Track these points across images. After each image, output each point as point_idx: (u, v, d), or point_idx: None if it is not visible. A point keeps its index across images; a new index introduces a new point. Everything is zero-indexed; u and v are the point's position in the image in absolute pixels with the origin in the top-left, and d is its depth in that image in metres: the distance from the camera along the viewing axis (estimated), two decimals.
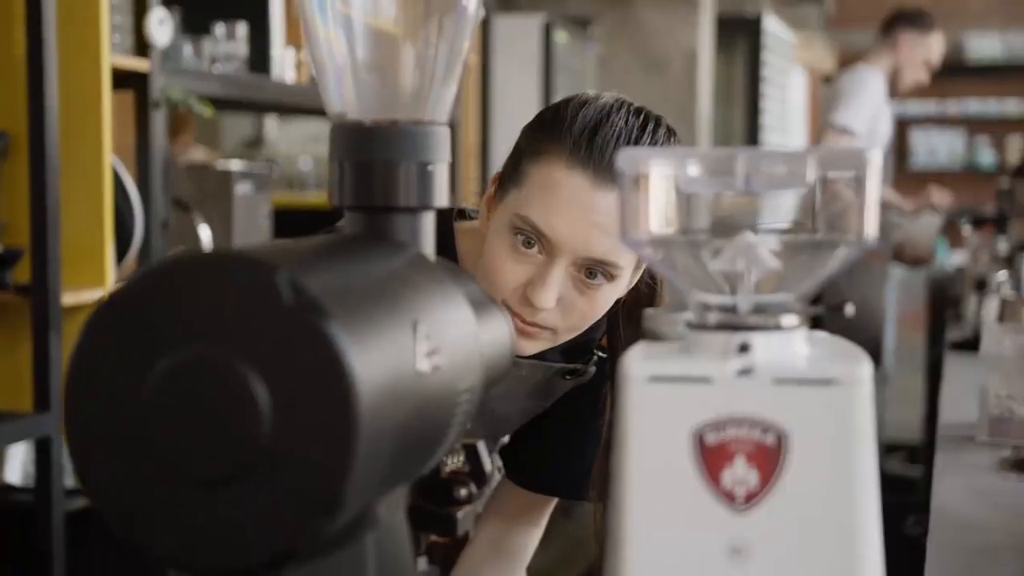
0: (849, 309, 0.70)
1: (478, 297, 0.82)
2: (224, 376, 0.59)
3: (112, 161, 2.51)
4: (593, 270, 1.26)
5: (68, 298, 2.37)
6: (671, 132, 1.31)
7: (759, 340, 0.67)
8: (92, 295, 2.44)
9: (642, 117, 1.28)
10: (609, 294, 1.28)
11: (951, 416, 2.09)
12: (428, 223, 0.80)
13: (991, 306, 2.89)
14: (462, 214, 1.45)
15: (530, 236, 1.25)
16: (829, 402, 0.65)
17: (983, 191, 9.19)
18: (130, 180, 2.57)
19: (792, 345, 0.68)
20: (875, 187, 0.66)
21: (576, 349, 1.42)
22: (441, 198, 0.80)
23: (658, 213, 0.70)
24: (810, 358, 0.68)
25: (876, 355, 4.27)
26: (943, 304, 4.50)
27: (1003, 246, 4.17)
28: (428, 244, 0.80)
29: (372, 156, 0.78)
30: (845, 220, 0.68)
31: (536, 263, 1.26)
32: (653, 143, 1.26)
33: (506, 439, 1.55)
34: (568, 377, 1.43)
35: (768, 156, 0.68)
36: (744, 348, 0.67)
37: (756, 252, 0.69)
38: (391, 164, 0.78)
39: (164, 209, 2.71)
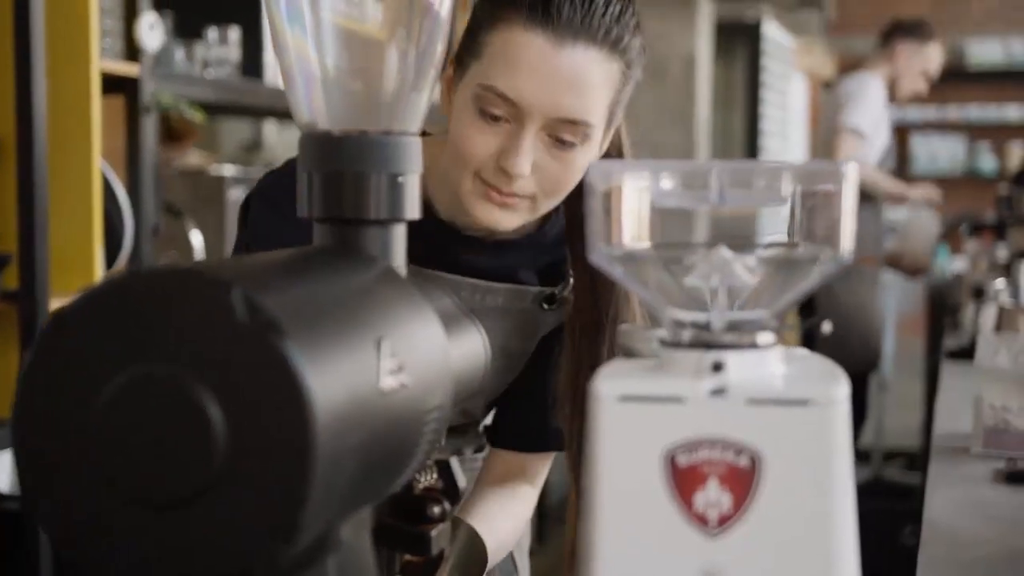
0: (826, 327, 0.68)
1: (449, 311, 0.81)
2: (178, 395, 0.57)
3: (101, 166, 2.49)
4: (564, 135, 1.24)
5: (56, 304, 2.35)
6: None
7: (733, 359, 0.65)
8: None
9: None
10: (583, 157, 1.26)
11: (946, 426, 2.08)
12: (399, 235, 0.78)
13: (989, 314, 2.87)
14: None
15: (496, 105, 1.23)
16: (805, 423, 0.63)
17: (984, 197, 9.16)
18: (120, 186, 2.55)
19: (767, 364, 0.66)
20: (851, 202, 0.64)
21: (550, 271, 1.41)
22: (413, 210, 0.78)
23: (630, 227, 0.68)
24: (786, 377, 0.66)
25: (871, 361, 4.24)
26: (942, 311, 4.48)
27: (1002, 253, 4.15)
28: (399, 257, 0.78)
29: (341, 167, 0.76)
30: (822, 235, 0.66)
31: (505, 132, 1.24)
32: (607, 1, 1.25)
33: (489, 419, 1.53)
34: (547, 307, 1.41)
35: (742, 170, 0.66)
36: (718, 367, 0.65)
37: (731, 268, 0.67)
38: (361, 176, 0.76)
39: (154, 215, 2.70)
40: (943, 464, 1.80)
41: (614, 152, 1.36)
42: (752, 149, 7.34)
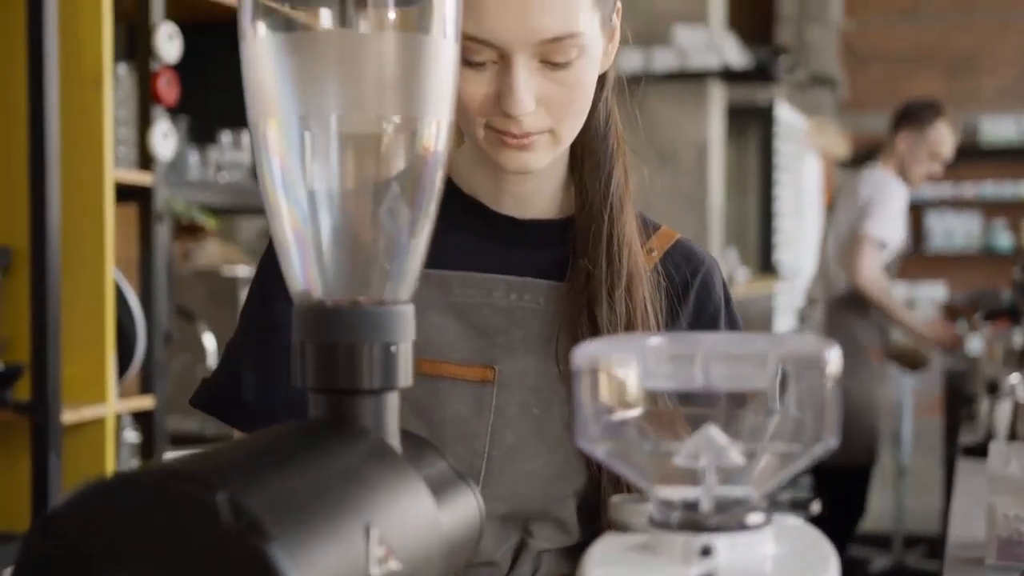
0: (815, 507, 0.68)
1: (443, 477, 0.81)
2: None
3: (114, 275, 2.51)
4: (555, 57, 1.16)
5: (69, 415, 2.36)
6: None
7: (722, 542, 0.65)
8: (93, 412, 2.42)
9: None
10: (586, 69, 1.18)
11: (961, 533, 2.05)
12: (392, 404, 0.79)
13: (1004, 410, 2.85)
14: None
15: (475, 52, 1.15)
16: None
17: (1001, 274, 9.14)
18: (132, 294, 2.57)
19: (757, 545, 0.66)
20: (835, 386, 0.64)
21: None
22: (406, 377, 0.79)
23: (616, 406, 0.68)
24: (776, 558, 0.66)
25: (870, 456, 4.21)
26: (958, 398, 4.45)
27: (1019, 338, 4.12)
28: (391, 425, 0.79)
29: (334, 338, 0.77)
30: (811, 417, 0.66)
31: (495, 74, 1.17)
32: None
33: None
34: None
35: (726, 355, 0.66)
36: (706, 551, 0.65)
37: (719, 449, 0.67)
38: (354, 346, 0.77)
39: (167, 321, 2.71)
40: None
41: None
42: (766, 232, 7.36)
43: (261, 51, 0.77)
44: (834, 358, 0.65)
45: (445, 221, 0.82)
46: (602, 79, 1.26)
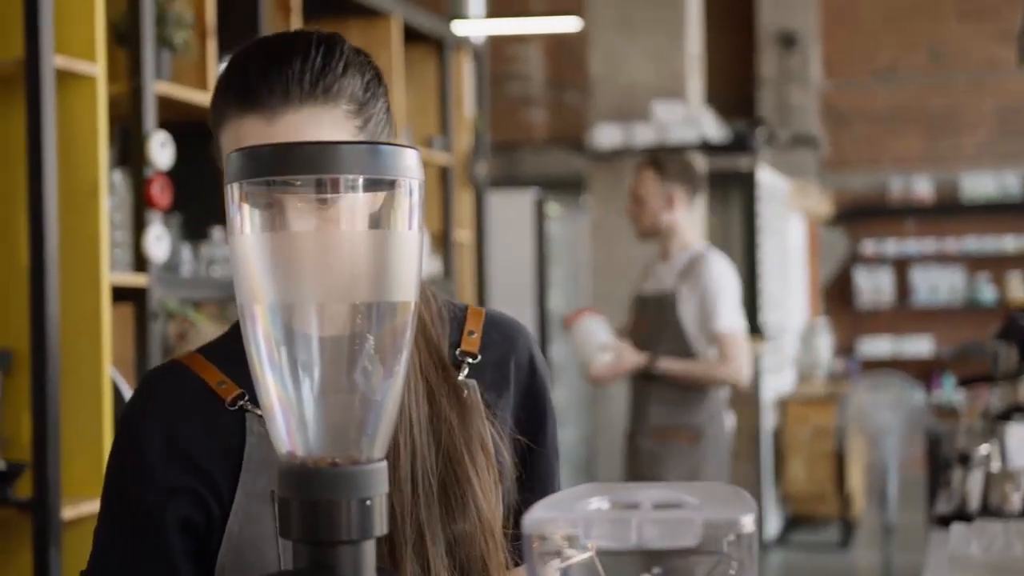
0: None
1: None
2: None
3: (111, 373, 2.61)
4: (323, 195, 1.10)
5: (68, 512, 2.45)
6: (329, 46, 1.25)
7: None
8: (92, 507, 2.51)
9: (288, 36, 1.27)
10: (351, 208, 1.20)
11: None
12: (369, 551, 0.89)
13: (976, 480, 2.93)
14: None
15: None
16: None
17: (986, 327, 9.26)
18: (129, 391, 2.66)
19: None
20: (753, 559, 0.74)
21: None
22: (381, 527, 0.89)
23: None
24: None
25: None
26: (937, 462, 4.55)
27: (995, 401, 4.21)
28: (368, 571, 0.88)
29: (315, 496, 0.87)
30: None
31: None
32: (304, 57, 1.22)
33: None
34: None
35: (657, 519, 0.76)
36: None
37: None
38: (333, 503, 0.87)
39: None
40: None
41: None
42: (751, 294, 7.46)
43: (248, 246, 0.88)
44: (748, 526, 0.75)
45: None
46: None
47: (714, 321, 3.89)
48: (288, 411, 0.89)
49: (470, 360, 1.33)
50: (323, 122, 1.22)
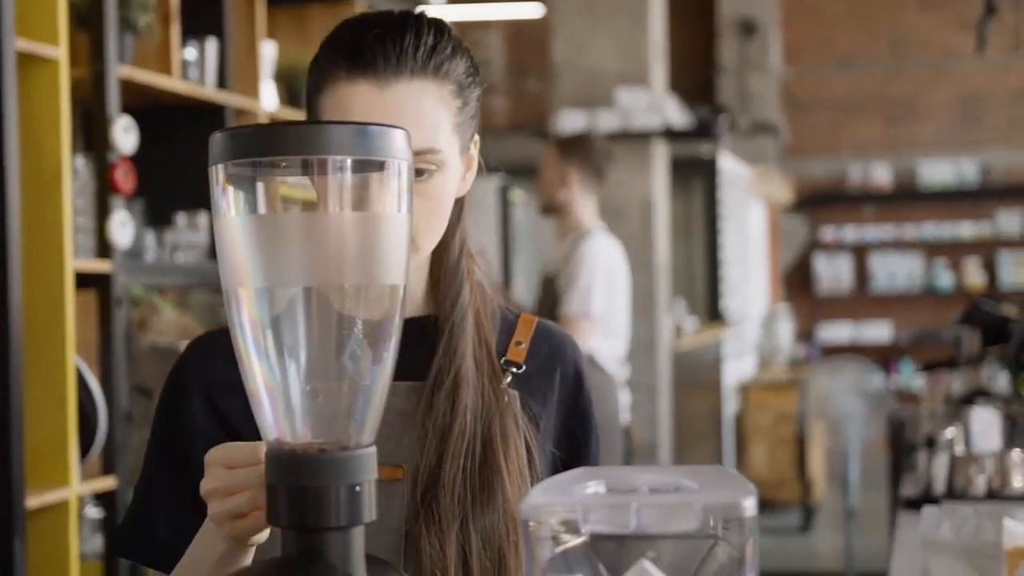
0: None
1: None
2: None
3: (75, 360, 2.57)
4: (415, 166, 1.19)
5: (32, 501, 2.41)
6: (439, 27, 1.29)
7: None
8: (56, 496, 2.48)
9: (399, 13, 1.30)
10: (443, 184, 1.26)
11: None
12: (358, 537, 0.87)
13: (941, 465, 2.95)
14: None
15: None
16: None
17: (943, 313, 9.36)
18: (93, 378, 2.63)
19: None
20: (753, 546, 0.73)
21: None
22: (370, 513, 0.87)
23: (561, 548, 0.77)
24: None
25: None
26: (900, 445, 4.56)
27: (957, 385, 4.23)
28: (357, 557, 0.87)
29: (304, 482, 0.86)
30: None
31: None
32: (417, 33, 1.26)
33: None
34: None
35: (656, 504, 0.75)
36: None
37: None
38: (321, 489, 0.85)
39: (127, 402, 2.77)
40: None
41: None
42: (713, 280, 7.49)
43: (232, 229, 0.86)
44: (750, 505, 0.74)
45: None
46: (460, 204, 1.34)
47: (561, 304, 3.83)
48: (275, 396, 0.87)
49: (514, 370, 1.34)
50: (430, 97, 1.25)
